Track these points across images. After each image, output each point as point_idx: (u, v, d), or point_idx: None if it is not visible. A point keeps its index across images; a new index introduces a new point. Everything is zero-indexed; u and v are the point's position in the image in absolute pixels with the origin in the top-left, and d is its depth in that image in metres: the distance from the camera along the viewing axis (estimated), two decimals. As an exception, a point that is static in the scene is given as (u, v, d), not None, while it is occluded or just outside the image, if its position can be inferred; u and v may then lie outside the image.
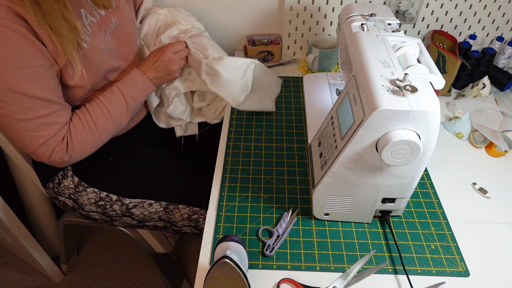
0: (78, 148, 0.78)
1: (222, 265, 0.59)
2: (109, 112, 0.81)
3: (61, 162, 0.78)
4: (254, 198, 0.80)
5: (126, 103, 0.84)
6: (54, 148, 0.75)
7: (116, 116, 0.83)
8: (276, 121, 0.98)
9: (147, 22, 0.98)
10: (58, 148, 0.76)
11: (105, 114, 0.81)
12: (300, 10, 1.12)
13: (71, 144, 0.77)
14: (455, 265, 0.68)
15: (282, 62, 1.21)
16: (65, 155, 0.77)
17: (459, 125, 0.94)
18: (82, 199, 0.90)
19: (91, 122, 0.79)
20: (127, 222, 0.94)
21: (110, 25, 0.84)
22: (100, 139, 0.82)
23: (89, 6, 0.80)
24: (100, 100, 0.82)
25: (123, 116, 0.84)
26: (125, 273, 1.42)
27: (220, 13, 1.19)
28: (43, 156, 0.76)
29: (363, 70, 0.61)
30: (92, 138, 0.80)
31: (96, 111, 0.81)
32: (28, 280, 1.41)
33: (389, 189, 0.66)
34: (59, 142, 0.76)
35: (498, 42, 1.12)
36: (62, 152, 0.76)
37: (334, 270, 0.68)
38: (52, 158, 0.76)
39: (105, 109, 0.81)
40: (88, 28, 0.78)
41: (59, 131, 0.75)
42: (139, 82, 0.86)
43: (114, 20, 0.86)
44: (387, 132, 0.55)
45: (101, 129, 0.81)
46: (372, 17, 0.75)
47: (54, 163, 0.78)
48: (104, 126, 0.81)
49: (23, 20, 0.66)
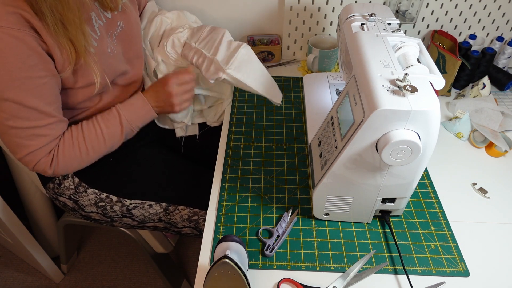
0: (62, 165, 0.77)
1: (222, 265, 0.59)
2: (103, 134, 0.80)
3: (43, 173, 0.77)
4: (254, 198, 0.80)
5: (121, 127, 0.82)
6: (40, 159, 0.74)
7: (109, 139, 0.81)
8: (276, 121, 0.98)
9: (153, 24, 0.98)
10: (43, 160, 0.75)
11: (98, 135, 0.79)
12: (300, 10, 1.12)
13: (56, 159, 0.76)
14: (455, 265, 0.68)
15: (282, 62, 1.21)
16: (49, 169, 0.76)
17: (459, 125, 0.94)
18: (82, 200, 0.90)
19: (82, 141, 0.78)
20: (127, 223, 0.94)
21: (116, 29, 0.84)
22: (88, 158, 0.80)
23: (97, 9, 0.80)
24: (96, 119, 0.81)
25: (116, 139, 0.82)
26: (125, 273, 1.42)
27: (220, 13, 1.19)
28: (27, 165, 0.75)
29: (363, 70, 0.61)
30: (80, 157, 0.79)
31: (90, 130, 0.79)
32: (28, 280, 1.41)
33: (389, 189, 0.66)
34: (46, 154, 0.75)
35: (498, 42, 1.12)
36: (46, 164, 0.75)
37: (334, 270, 0.68)
38: (35, 168, 0.76)
39: (99, 130, 0.80)
40: (98, 32, 0.78)
41: (48, 144, 0.74)
42: (140, 108, 0.84)
43: (120, 23, 0.85)
44: (387, 132, 0.55)
45: (90, 150, 0.79)
46: (372, 17, 0.75)
47: (38, 171, 0.77)
48: (95, 147, 0.80)
49: (33, 30, 0.65)
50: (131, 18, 0.88)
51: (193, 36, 0.94)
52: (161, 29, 0.99)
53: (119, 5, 0.84)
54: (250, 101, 1.05)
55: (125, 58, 0.88)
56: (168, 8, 1.17)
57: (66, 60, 0.70)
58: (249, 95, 1.07)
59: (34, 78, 0.68)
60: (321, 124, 0.76)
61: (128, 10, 0.87)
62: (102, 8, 0.81)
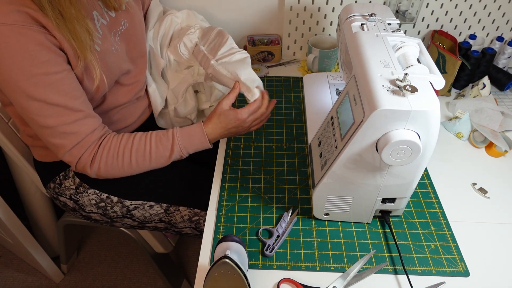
0: (103, 169, 0.76)
1: (222, 265, 0.59)
2: (151, 152, 0.78)
3: (85, 172, 0.77)
4: (254, 198, 0.80)
5: (171, 152, 0.80)
6: (79, 157, 0.74)
7: (155, 158, 0.79)
8: (276, 121, 0.98)
9: (163, 24, 0.99)
10: (83, 159, 0.74)
11: (145, 152, 0.78)
12: (300, 10, 1.12)
13: (98, 162, 0.75)
14: (455, 265, 0.68)
15: (282, 62, 1.21)
16: (89, 169, 0.76)
17: (459, 125, 0.94)
18: (83, 200, 0.90)
19: (127, 153, 0.77)
20: (128, 223, 0.94)
21: (119, 27, 0.84)
22: (129, 171, 0.79)
23: (100, 8, 0.79)
24: (150, 136, 0.79)
25: (162, 160, 0.81)
26: (125, 273, 1.42)
27: (220, 13, 1.19)
28: (71, 165, 0.75)
29: (363, 70, 0.61)
30: (122, 168, 0.78)
31: (140, 145, 0.78)
32: (28, 280, 1.41)
33: (389, 189, 0.66)
34: (83, 152, 0.74)
35: (498, 42, 1.12)
36: (86, 164, 0.75)
37: (334, 270, 0.68)
38: (78, 167, 0.75)
39: (148, 147, 0.78)
40: (100, 31, 0.78)
41: (81, 141, 0.73)
42: (197, 139, 0.82)
43: (124, 22, 0.85)
44: (387, 132, 0.55)
45: (134, 164, 0.78)
46: (372, 17, 0.75)
47: (81, 171, 0.77)
48: (140, 163, 0.79)
49: (41, 26, 0.65)
50: (135, 17, 0.88)
51: (202, 37, 0.96)
52: (170, 29, 0.99)
53: (123, 4, 0.84)
54: (250, 101, 1.05)
55: (128, 57, 0.88)
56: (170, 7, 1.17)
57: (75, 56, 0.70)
58: (249, 95, 1.07)
59: (50, 74, 0.67)
60: (321, 124, 0.76)
61: (131, 9, 0.87)
62: (106, 7, 0.81)
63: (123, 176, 0.80)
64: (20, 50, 0.64)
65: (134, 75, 0.90)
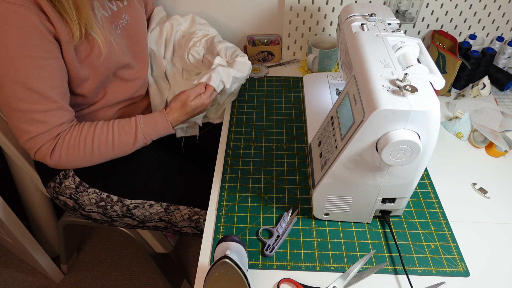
0: (64, 158, 0.76)
1: (222, 265, 0.59)
2: (113, 140, 0.79)
3: (44, 162, 0.76)
4: (254, 198, 0.80)
5: (135, 138, 0.81)
6: (40, 147, 0.73)
7: (118, 146, 0.80)
8: (276, 121, 0.98)
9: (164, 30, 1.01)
10: (44, 148, 0.74)
11: (108, 140, 0.78)
12: (300, 10, 1.12)
13: (58, 151, 0.75)
14: (455, 265, 0.68)
15: (282, 62, 1.21)
16: (49, 159, 0.75)
17: (459, 125, 0.94)
18: (83, 199, 0.90)
19: (89, 141, 0.77)
20: (128, 223, 0.94)
21: (121, 21, 0.84)
22: (92, 160, 0.79)
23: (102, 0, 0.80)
24: (112, 124, 0.80)
25: (126, 148, 0.82)
26: (125, 273, 1.42)
27: (220, 13, 1.19)
28: (29, 152, 0.75)
29: (363, 70, 0.61)
30: (84, 157, 0.78)
31: (102, 133, 0.78)
32: (28, 280, 1.41)
33: (389, 189, 0.66)
34: (46, 142, 0.73)
35: (498, 42, 1.12)
36: (46, 153, 0.74)
37: (334, 270, 0.68)
38: (37, 155, 0.75)
39: (111, 135, 0.78)
40: (99, 21, 0.78)
41: (47, 131, 0.73)
42: (160, 125, 0.84)
43: (125, 16, 0.85)
44: (387, 132, 0.55)
45: (96, 152, 0.78)
46: (372, 17, 0.75)
47: (39, 159, 0.77)
48: (102, 151, 0.79)
49: (39, 9, 0.65)
50: (137, 13, 0.89)
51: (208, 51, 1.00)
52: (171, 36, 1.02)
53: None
54: (250, 101, 1.05)
55: (130, 52, 0.88)
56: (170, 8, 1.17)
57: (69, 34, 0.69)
58: (249, 95, 1.07)
59: (36, 58, 0.67)
60: (321, 124, 0.76)
61: (133, 5, 0.88)
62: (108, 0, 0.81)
63: (86, 165, 0.80)
64: (11, 28, 0.63)
65: (136, 72, 0.90)
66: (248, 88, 1.10)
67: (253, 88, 1.10)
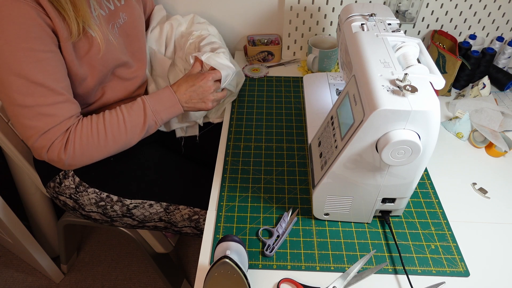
0: (78, 151, 0.74)
1: (222, 265, 0.59)
2: (125, 121, 0.77)
3: (58, 160, 0.73)
4: (254, 198, 0.80)
5: (144, 116, 0.79)
6: (52, 142, 0.71)
7: (130, 127, 0.78)
8: (276, 121, 0.98)
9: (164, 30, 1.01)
10: (57, 143, 0.71)
11: (119, 123, 0.76)
12: (300, 10, 1.12)
13: (72, 143, 0.73)
14: (455, 265, 0.68)
15: (282, 62, 1.21)
16: (63, 154, 0.72)
17: (459, 125, 0.94)
18: (82, 199, 0.90)
19: (102, 128, 0.75)
20: (128, 223, 0.94)
21: (118, 20, 0.84)
22: (106, 148, 0.77)
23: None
24: (120, 107, 0.79)
25: (138, 129, 0.79)
26: (125, 273, 1.42)
27: (220, 13, 1.19)
28: (41, 151, 0.72)
29: (363, 70, 0.61)
30: (98, 146, 0.75)
31: (112, 117, 0.77)
32: (28, 280, 1.41)
33: (389, 189, 0.66)
34: (58, 137, 0.71)
35: (498, 42, 1.12)
36: (60, 149, 0.72)
37: (334, 270, 0.68)
38: (49, 153, 0.72)
39: (121, 116, 0.77)
40: (96, 19, 0.78)
41: (58, 125, 0.70)
42: (167, 99, 0.82)
43: (123, 15, 0.85)
44: (387, 132, 0.55)
45: (110, 138, 0.76)
46: (372, 17, 0.75)
47: (52, 161, 0.74)
48: (115, 135, 0.76)
49: (37, 3, 0.65)
50: (134, 12, 0.89)
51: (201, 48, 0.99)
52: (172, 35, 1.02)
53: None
54: (250, 101, 1.05)
55: (128, 51, 0.88)
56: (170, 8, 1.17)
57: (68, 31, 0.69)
58: (249, 95, 1.07)
59: (37, 51, 0.66)
60: (321, 124, 0.76)
61: (131, 4, 0.88)
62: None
63: (100, 157, 0.78)
64: (11, 22, 0.63)
65: (134, 70, 0.90)
66: (248, 88, 1.10)
67: (253, 88, 1.10)
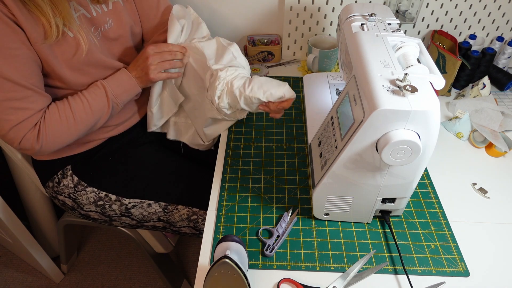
0: (50, 138, 0.76)
1: (222, 265, 0.59)
2: (90, 105, 0.79)
3: (31, 149, 0.75)
4: (254, 198, 0.80)
5: (107, 98, 0.82)
6: (24, 134, 0.72)
7: (96, 111, 0.80)
8: (276, 121, 0.98)
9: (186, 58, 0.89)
10: (29, 135, 0.73)
11: (85, 107, 0.79)
12: (300, 10, 1.12)
13: (44, 132, 0.74)
14: (455, 265, 0.68)
15: (282, 62, 1.21)
16: (36, 144, 0.74)
17: (459, 125, 0.94)
18: (81, 198, 0.90)
19: (69, 113, 0.77)
20: (126, 222, 0.94)
21: (104, 25, 0.84)
22: (76, 131, 0.79)
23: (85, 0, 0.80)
24: (82, 93, 0.80)
25: (104, 112, 0.82)
26: (125, 273, 1.42)
27: (220, 13, 1.19)
28: (13, 142, 0.74)
29: (363, 70, 0.61)
30: (68, 129, 0.77)
31: (76, 102, 0.79)
32: (28, 280, 1.41)
33: (389, 189, 0.66)
34: (30, 128, 0.73)
35: (498, 42, 1.12)
36: (33, 139, 0.74)
37: (334, 270, 0.68)
38: (22, 144, 0.74)
39: (85, 101, 0.79)
40: (76, 20, 0.77)
41: (30, 117, 0.72)
42: (124, 81, 0.84)
43: (109, 20, 0.85)
44: (387, 132, 0.55)
45: (78, 121, 0.78)
46: (372, 17, 0.75)
47: (25, 150, 0.75)
48: (83, 118, 0.79)
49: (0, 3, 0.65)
50: (122, 18, 0.87)
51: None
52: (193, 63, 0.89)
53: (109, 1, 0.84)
54: (250, 101, 1.05)
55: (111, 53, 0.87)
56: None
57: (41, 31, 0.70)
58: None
59: (4, 48, 0.67)
60: (321, 124, 0.76)
61: (119, 11, 0.86)
62: (91, 1, 0.81)
63: (71, 139, 0.80)
64: None
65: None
66: (248, 88, 1.10)
67: (253, 88, 1.10)
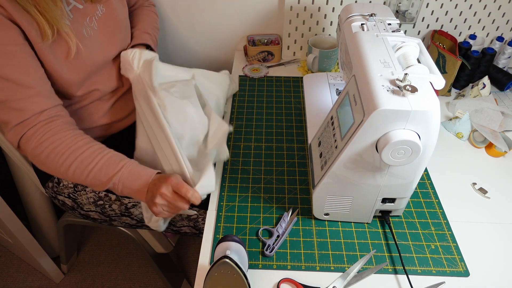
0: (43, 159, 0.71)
1: (222, 265, 0.59)
2: (90, 171, 0.71)
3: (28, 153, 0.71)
4: (254, 198, 0.80)
5: (109, 179, 0.71)
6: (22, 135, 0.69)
7: (92, 179, 0.71)
8: (276, 121, 0.98)
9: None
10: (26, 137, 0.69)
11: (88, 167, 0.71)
12: (300, 10, 1.12)
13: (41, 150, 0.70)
14: (455, 265, 0.68)
15: (282, 62, 1.21)
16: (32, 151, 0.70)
17: (459, 125, 0.94)
18: (81, 198, 0.90)
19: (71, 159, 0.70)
20: (126, 222, 0.94)
21: (96, 12, 0.83)
22: (63, 174, 0.72)
23: None
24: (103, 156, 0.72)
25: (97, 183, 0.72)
26: (125, 273, 1.42)
27: (220, 13, 1.19)
28: (13, 145, 0.71)
29: (363, 70, 0.61)
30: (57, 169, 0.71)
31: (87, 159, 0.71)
32: (28, 280, 1.41)
33: (389, 189, 0.66)
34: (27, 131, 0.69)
35: (498, 42, 1.12)
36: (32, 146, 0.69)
37: (334, 270, 0.68)
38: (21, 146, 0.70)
39: (92, 166, 0.71)
40: (70, 14, 0.76)
41: (27, 120, 0.68)
42: (139, 185, 0.72)
43: (100, 7, 0.84)
44: (387, 132, 0.55)
45: (70, 173, 0.71)
46: (372, 17, 0.75)
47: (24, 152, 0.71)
48: (76, 175, 0.71)
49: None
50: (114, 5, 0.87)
51: None
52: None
53: None
54: (250, 101, 1.05)
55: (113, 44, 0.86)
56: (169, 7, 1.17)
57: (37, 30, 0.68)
58: (249, 95, 1.07)
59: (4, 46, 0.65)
60: (321, 124, 0.76)
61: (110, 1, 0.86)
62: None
63: (54, 174, 0.74)
64: None
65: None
66: (248, 88, 1.10)
67: (253, 88, 1.10)
